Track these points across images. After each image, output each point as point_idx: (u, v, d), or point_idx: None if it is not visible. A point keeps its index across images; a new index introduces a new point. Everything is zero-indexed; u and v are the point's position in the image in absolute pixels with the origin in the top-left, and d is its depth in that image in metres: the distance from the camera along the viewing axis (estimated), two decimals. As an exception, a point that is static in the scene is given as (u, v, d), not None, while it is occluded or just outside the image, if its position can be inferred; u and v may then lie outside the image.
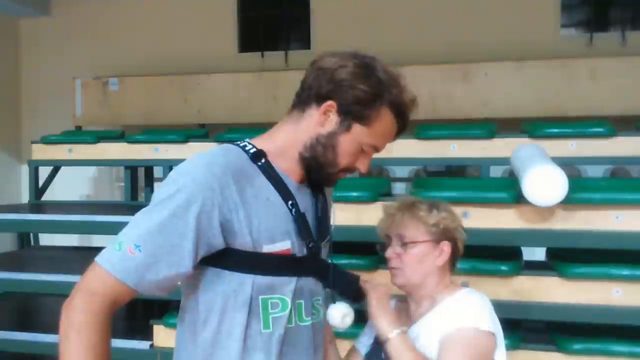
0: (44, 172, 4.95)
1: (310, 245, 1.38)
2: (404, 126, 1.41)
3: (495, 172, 4.32)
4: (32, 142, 4.90)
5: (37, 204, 4.67)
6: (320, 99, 1.34)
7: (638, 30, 5.32)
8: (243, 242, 1.29)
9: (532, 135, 3.84)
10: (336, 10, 5.88)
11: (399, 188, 5.36)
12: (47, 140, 4.82)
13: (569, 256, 2.73)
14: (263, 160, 1.35)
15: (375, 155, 1.42)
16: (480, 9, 5.53)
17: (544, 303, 2.63)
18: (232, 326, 1.32)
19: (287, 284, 1.35)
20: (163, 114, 5.85)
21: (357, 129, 1.34)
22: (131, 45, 6.28)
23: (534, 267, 2.81)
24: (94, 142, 4.67)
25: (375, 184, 3.20)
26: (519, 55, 5.20)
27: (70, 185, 5.76)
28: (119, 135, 5.00)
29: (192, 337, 1.36)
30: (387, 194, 3.08)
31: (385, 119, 1.35)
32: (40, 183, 4.92)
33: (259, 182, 1.32)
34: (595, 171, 4.95)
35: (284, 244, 1.33)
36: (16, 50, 6.66)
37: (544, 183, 2.57)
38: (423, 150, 4.04)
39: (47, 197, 5.00)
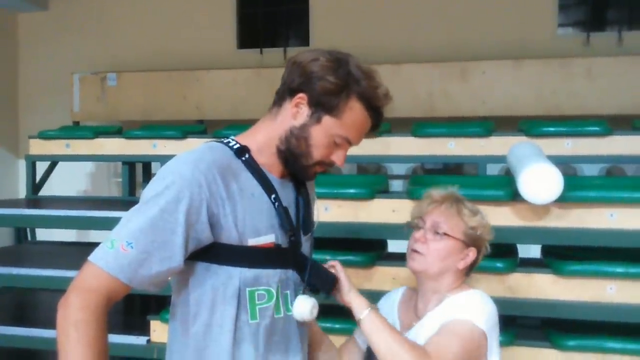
0: (41, 167, 4.96)
1: (291, 238, 1.42)
2: (378, 120, 1.43)
3: (492, 169, 4.34)
4: (30, 137, 4.90)
5: (34, 199, 4.67)
6: (292, 93, 1.39)
7: (635, 30, 5.34)
8: (229, 236, 1.33)
9: (529, 133, 3.86)
10: (335, 7, 5.89)
11: (396, 185, 5.37)
12: (44, 135, 4.81)
13: (564, 254, 2.75)
14: (247, 156, 1.39)
15: (373, 152, 1.46)
16: (479, 7, 5.54)
17: (539, 300, 2.65)
18: (223, 318, 1.36)
19: (272, 276, 1.40)
20: (161, 109, 5.85)
21: (328, 120, 1.37)
22: (130, 41, 6.28)
23: (529, 265, 2.83)
24: (92, 138, 4.68)
25: (373, 181, 3.21)
26: (517, 54, 5.21)
27: (67, 181, 5.76)
28: (117, 131, 5.00)
29: (184, 332, 1.39)
30: (384, 191, 3.10)
31: (356, 111, 1.37)
32: (38, 178, 4.93)
33: (244, 177, 1.36)
34: (590, 170, 4.97)
35: (268, 237, 1.38)
36: (14, 45, 6.65)
37: (539, 181, 2.59)
38: (421, 148, 4.05)
39: (44, 192, 5.00)
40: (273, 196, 1.39)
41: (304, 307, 1.44)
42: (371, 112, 1.39)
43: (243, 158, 1.38)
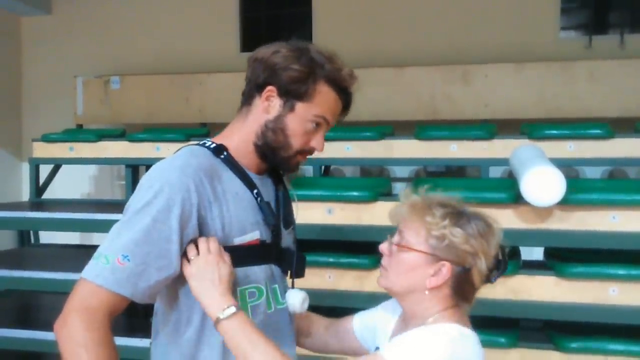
0: (44, 170, 4.97)
1: (273, 233, 1.42)
2: (348, 100, 1.44)
3: (495, 172, 4.34)
4: (33, 140, 4.92)
5: (37, 202, 4.69)
6: (260, 88, 1.40)
7: (636, 33, 5.34)
8: (214, 237, 1.32)
9: (531, 136, 3.87)
10: (338, 10, 5.90)
11: (399, 188, 5.38)
12: (48, 139, 4.84)
13: (566, 256, 2.76)
14: (225, 154, 1.40)
15: (376, 155, 1.44)
16: (481, 10, 5.55)
17: (542, 302, 2.66)
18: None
19: (260, 272, 1.40)
20: (164, 112, 5.86)
21: (301, 107, 1.38)
22: (133, 44, 6.30)
23: (532, 267, 2.84)
24: (95, 141, 4.70)
25: (376, 184, 3.23)
26: (519, 57, 5.22)
27: (71, 184, 5.78)
28: (120, 134, 5.02)
29: (173, 339, 1.37)
30: (387, 194, 3.11)
31: (325, 93, 1.39)
32: (41, 181, 4.94)
33: (226, 177, 1.37)
34: (593, 172, 4.97)
35: (253, 234, 1.38)
36: (17, 48, 6.67)
37: (542, 184, 2.60)
38: (423, 151, 4.07)
39: (47, 195, 5.02)
40: (255, 191, 1.40)
41: (296, 300, 1.45)
42: (340, 94, 1.41)
43: (222, 156, 1.39)
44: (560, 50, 5.35)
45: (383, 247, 1.38)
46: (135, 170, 5.00)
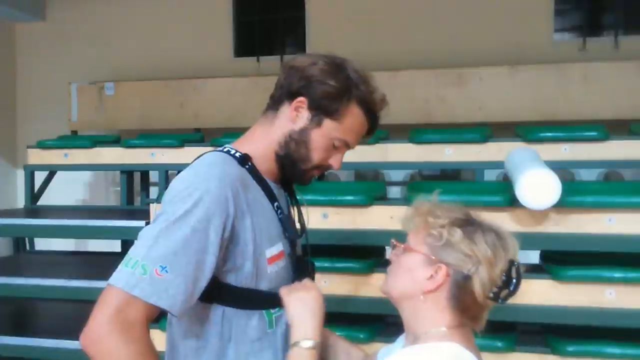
0: (39, 176, 4.96)
1: (291, 244, 1.43)
2: (375, 124, 1.43)
3: (490, 176, 4.35)
4: (28, 147, 4.91)
5: (32, 209, 4.68)
6: (291, 96, 1.38)
7: (631, 35, 5.36)
8: (245, 249, 1.30)
9: (526, 139, 3.87)
10: (331, 14, 5.91)
11: (394, 192, 5.38)
12: (42, 145, 4.83)
13: (563, 259, 2.75)
14: (250, 164, 1.38)
15: (371, 159, 1.44)
16: (475, 13, 5.56)
17: (538, 305, 2.65)
18: (242, 331, 1.35)
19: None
20: (159, 118, 5.85)
21: (328, 124, 1.37)
22: (127, 50, 6.29)
23: (528, 270, 2.82)
24: (90, 147, 4.69)
25: (371, 188, 3.21)
26: (513, 60, 5.23)
27: (66, 190, 5.76)
28: (115, 140, 5.01)
29: (199, 347, 1.35)
30: (382, 198, 3.10)
31: (355, 115, 1.38)
32: (36, 188, 4.93)
33: (253, 187, 1.36)
34: (588, 175, 4.98)
35: (278, 246, 1.38)
36: (12, 55, 6.66)
37: (537, 187, 2.59)
38: (418, 155, 4.07)
39: (42, 201, 5.00)
40: (276, 204, 1.39)
41: None
42: (369, 117, 1.40)
43: (246, 166, 1.37)
44: (555, 53, 5.36)
45: (391, 254, 1.34)
46: (130, 176, 4.99)
